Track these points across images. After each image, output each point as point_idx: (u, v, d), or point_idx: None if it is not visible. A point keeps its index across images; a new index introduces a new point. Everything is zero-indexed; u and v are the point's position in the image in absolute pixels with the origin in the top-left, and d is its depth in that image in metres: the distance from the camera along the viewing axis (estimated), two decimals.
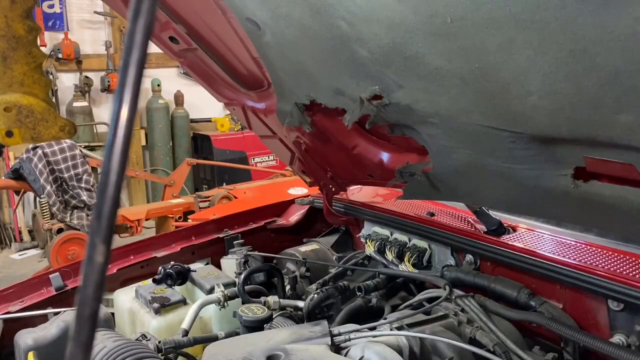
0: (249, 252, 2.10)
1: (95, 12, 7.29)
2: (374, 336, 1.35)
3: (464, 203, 1.86)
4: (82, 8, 7.30)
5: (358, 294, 1.83)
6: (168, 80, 7.70)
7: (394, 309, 1.72)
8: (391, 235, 2.04)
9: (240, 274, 1.93)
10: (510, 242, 1.66)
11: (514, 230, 1.80)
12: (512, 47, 0.90)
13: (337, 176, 2.17)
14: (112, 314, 1.89)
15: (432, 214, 1.98)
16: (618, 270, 1.41)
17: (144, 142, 7.78)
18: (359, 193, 2.40)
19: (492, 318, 1.50)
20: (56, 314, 1.65)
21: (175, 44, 1.72)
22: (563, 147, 1.12)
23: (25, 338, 1.53)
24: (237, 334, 1.63)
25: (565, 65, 0.87)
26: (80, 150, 5.17)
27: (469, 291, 1.62)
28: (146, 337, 1.55)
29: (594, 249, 1.57)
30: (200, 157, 7.59)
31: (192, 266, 2.01)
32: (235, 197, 5.20)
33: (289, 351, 1.26)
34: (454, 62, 1.02)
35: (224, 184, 6.61)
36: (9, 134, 1.20)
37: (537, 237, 1.71)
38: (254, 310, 1.59)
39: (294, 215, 2.55)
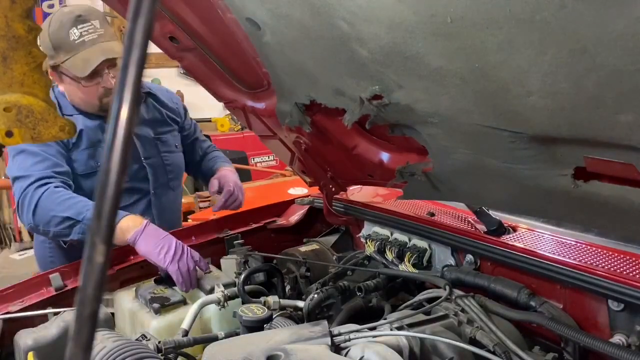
0: (249, 252, 2.10)
1: None
2: (374, 336, 1.35)
3: (464, 203, 1.86)
4: None
5: (358, 294, 1.82)
6: (168, 80, 7.69)
7: (394, 309, 1.71)
8: (391, 235, 2.04)
9: (240, 274, 1.93)
10: (510, 242, 1.66)
11: (514, 230, 1.80)
12: (512, 47, 0.89)
13: (337, 176, 2.17)
14: (112, 314, 1.89)
15: (432, 214, 1.98)
16: (618, 270, 1.41)
17: None
18: (359, 193, 2.40)
19: (492, 318, 1.49)
20: (56, 314, 1.65)
21: (175, 44, 1.72)
22: (563, 147, 1.12)
23: (25, 338, 1.52)
24: (237, 334, 1.62)
25: (565, 65, 0.87)
26: None
27: (469, 291, 1.62)
28: (146, 337, 1.55)
29: (594, 249, 1.57)
30: None
31: None
32: None
33: (289, 351, 1.25)
34: (454, 62, 1.02)
35: None
36: (9, 134, 1.19)
37: (537, 237, 1.70)
38: (254, 310, 1.59)
39: (294, 215, 2.54)
